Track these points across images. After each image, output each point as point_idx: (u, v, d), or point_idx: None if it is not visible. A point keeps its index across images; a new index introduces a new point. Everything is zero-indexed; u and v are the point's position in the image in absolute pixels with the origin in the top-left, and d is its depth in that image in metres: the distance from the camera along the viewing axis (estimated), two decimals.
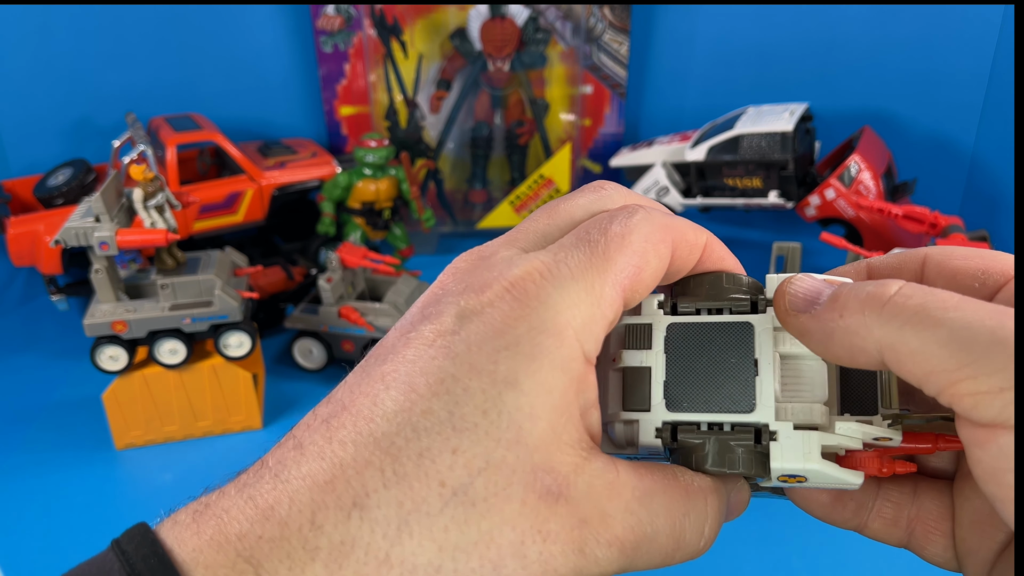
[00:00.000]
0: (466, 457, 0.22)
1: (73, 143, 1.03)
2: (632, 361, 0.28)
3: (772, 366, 0.26)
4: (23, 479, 0.71)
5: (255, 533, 0.22)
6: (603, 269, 0.24)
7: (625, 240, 0.25)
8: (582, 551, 0.23)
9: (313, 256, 0.99)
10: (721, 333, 0.27)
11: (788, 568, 0.60)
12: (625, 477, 0.24)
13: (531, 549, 0.22)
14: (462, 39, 1.04)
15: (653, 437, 0.27)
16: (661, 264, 0.26)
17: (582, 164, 1.15)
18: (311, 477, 0.22)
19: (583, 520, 0.23)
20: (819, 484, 0.26)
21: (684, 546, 0.25)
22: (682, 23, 1.08)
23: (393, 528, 0.21)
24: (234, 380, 0.76)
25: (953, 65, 1.03)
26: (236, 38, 1.05)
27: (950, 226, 0.82)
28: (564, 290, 0.24)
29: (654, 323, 0.28)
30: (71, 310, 0.93)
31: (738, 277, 0.28)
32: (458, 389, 0.22)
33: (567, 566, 0.23)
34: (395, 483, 0.22)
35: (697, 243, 0.27)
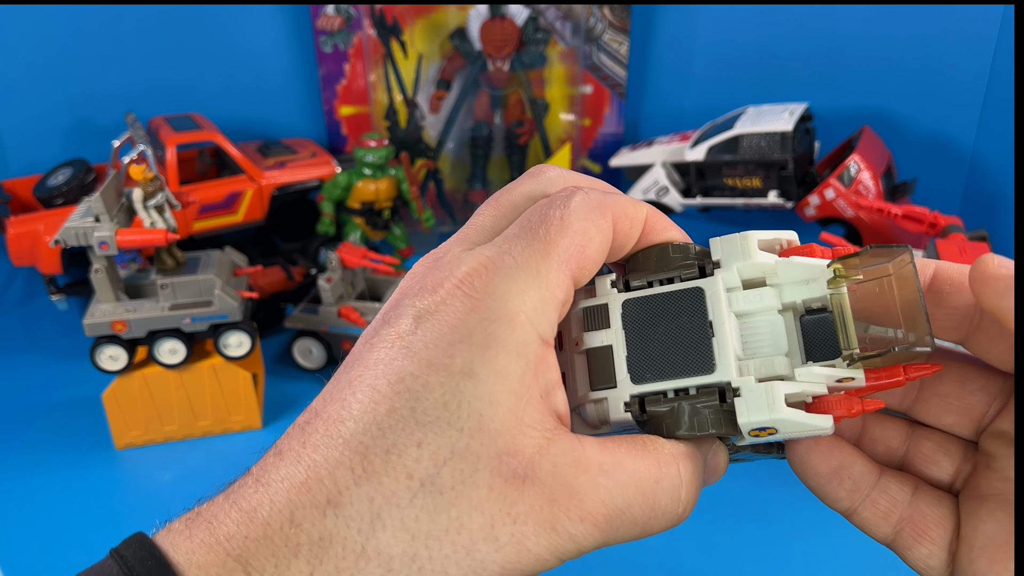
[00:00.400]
0: (431, 449, 0.23)
1: (73, 143, 1.03)
2: (593, 342, 0.28)
3: (726, 325, 0.27)
4: (23, 479, 0.71)
5: (241, 534, 0.23)
6: (546, 253, 0.25)
7: (565, 222, 0.26)
8: (554, 529, 0.24)
9: (313, 256, 0.99)
10: (674, 301, 0.27)
11: (788, 568, 0.60)
12: (592, 453, 0.25)
13: (502, 531, 0.23)
14: (462, 39, 1.04)
15: (623, 412, 0.27)
16: (604, 240, 0.27)
17: (582, 164, 1.15)
18: (288, 479, 0.23)
19: (551, 499, 0.24)
20: (791, 434, 0.26)
21: (661, 514, 0.26)
22: (682, 23, 1.08)
23: (367, 523, 0.23)
24: (234, 380, 0.76)
25: (953, 65, 1.03)
26: (236, 38, 1.05)
27: (950, 226, 0.82)
28: (511, 279, 0.25)
29: (609, 302, 0.28)
30: (71, 310, 0.93)
31: (685, 246, 0.28)
32: (417, 385, 0.23)
33: (541, 545, 0.23)
34: (365, 479, 0.23)
35: (637, 216, 0.28)
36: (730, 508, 0.64)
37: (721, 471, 0.28)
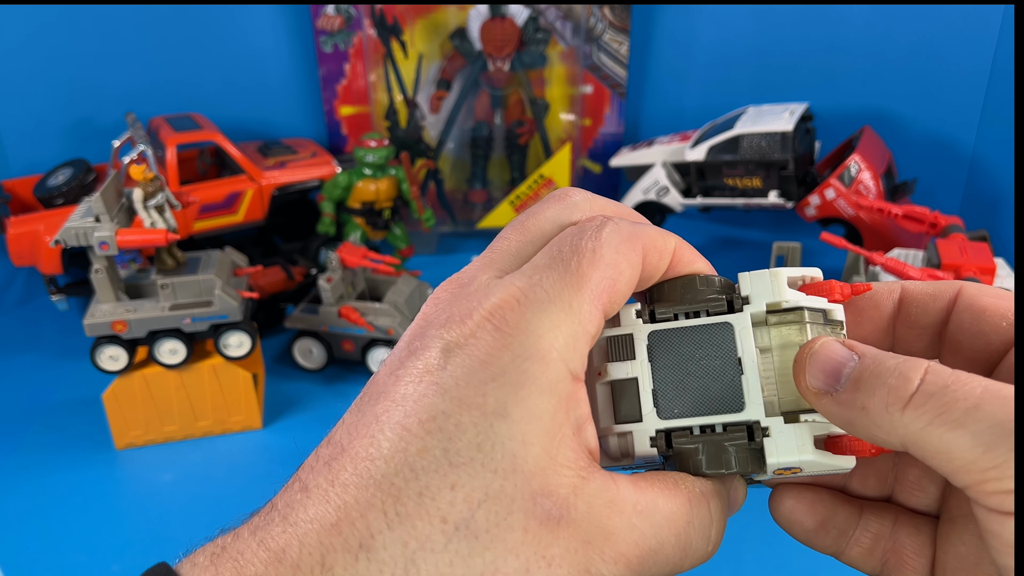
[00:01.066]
0: (465, 491, 0.22)
1: (73, 143, 1.03)
2: (618, 374, 0.28)
3: (756, 363, 0.26)
4: (23, 479, 0.71)
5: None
6: (579, 286, 0.25)
7: (597, 254, 0.25)
8: (588, 571, 0.23)
9: (313, 256, 0.99)
10: (702, 336, 0.27)
11: (788, 568, 0.60)
12: (626, 493, 0.24)
13: (537, 575, 0.23)
14: (462, 39, 1.04)
15: (648, 447, 0.27)
16: (634, 273, 0.26)
17: (582, 164, 1.15)
18: (318, 520, 0.23)
19: (586, 541, 0.23)
20: (813, 472, 0.27)
21: (692, 553, 0.26)
22: (682, 23, 1.08)
23: (400, 568, 0.22)
24: (234, 380, 0.76)
25: (953, 65, 1.03)
26: (236, 38, 1.05)
27: (950, 226, 0.82)
28: (543, 313, 0.24)
29: (635, 333, 0.28)
30: (71, 310, 0.93)
31: (710, 278, 0.28)
32: (450, 425, 0.23)
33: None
34: (398, 523, 0.22)
35: (666, 248, 0.27)
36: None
37: (740, 504, 0.28)
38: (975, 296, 0.27)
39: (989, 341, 0.26)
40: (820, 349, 0.25)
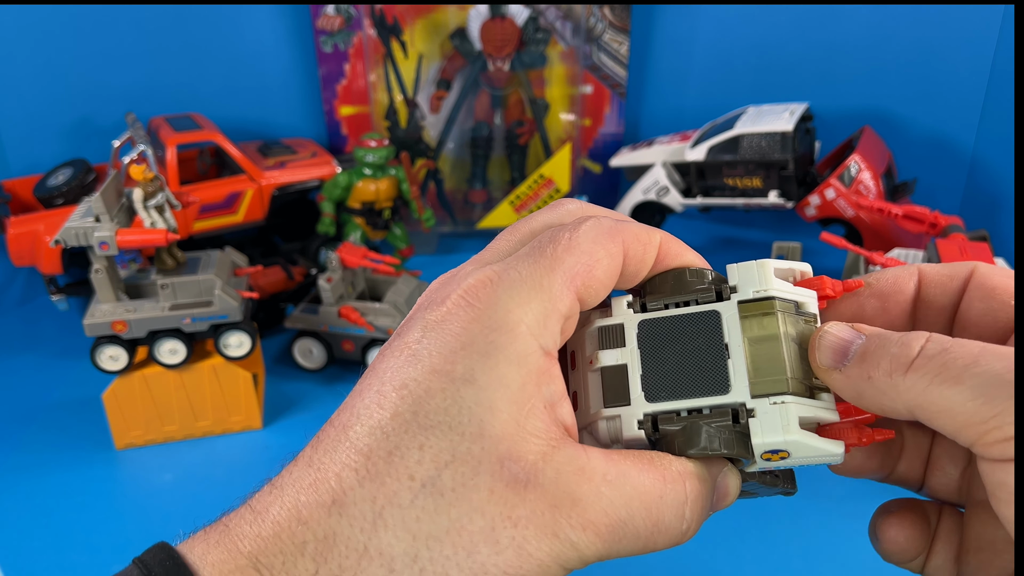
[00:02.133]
0: (432, 452, 0.24)
1: (73, 143, 1.03)
2: (608, 360, 0.29)
3: (743, 348, 0.27)
4: (23, 479, 0.71)
5: (253, 532, 0.24)
6: (551, 268, 0.26)
7: (573, 242, 0.26)
8: (556, 535, 0.24)
9: (313, 256, 0.99)
10: (690, 324, 0.28)
11: (788, 568, 0.60)
12: (596, 463, 0.25)
13: (503, 535, 0.23)
14: (462, 39, 1.04)
15: (636, 429, 0.27)
16: (612, 262, 0.27)
17: (582, 164, 1.15)
18: (298, 481, 0.25)
19: (553, 505, 0.24)
20: (803, 459, 0.27)
21: (664, 530, 0.26)
22: (682, 23, 1.08)
23: (369, 522, 0.23)
24: (234, 380, 0.76)
25: (953, 65, 1.03)
26: (236, 38, 1.05)
27: (950, 226, 0.82)
28: (513, 291, 0.25)
29: (625, 322, 0.29)
30: (71, 310, 0.93)
31: (701, 271, 0.29)
32: (420, 390, 0.24)
33: (542, 550, 0.24)
34: (368, 480, 0.24)
35: (651, 241, 0.28)
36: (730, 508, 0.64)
37: (731, 496, 0.28)
38: (986, 275, 0.27)
39: (997, 319, 0.27)
40: (829, 330, 0.26)
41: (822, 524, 0.64)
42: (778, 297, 0.27)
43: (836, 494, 0.66)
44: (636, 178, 1.04)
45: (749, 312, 0.27)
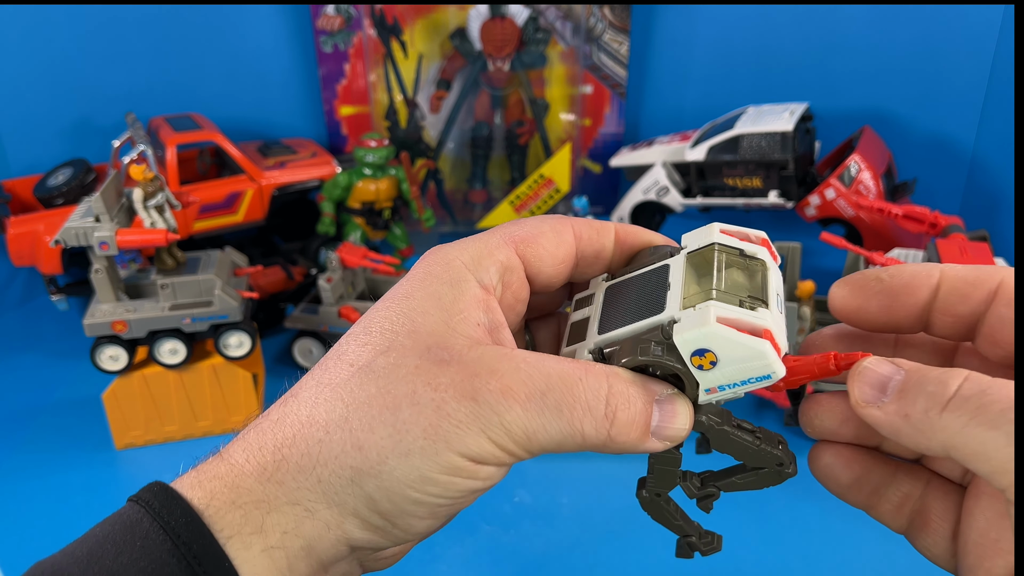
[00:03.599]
0: (371, 345, 0.28)
1: (73, 143, 1.03)
2: (576, 318, 0.33)
3: (681, 279, 0.29)
4: (23, 479, 0.71)
5: (235, 440, 0.29)
6: (493, 232, 0.31)
7: (519, 221, 0.32)
8: (475, 399, 0.27)
9: (313, 256, 0.99)
10: (644, 278, 0.31)
11: (788, 568, 0.60)
12: (521, 352, 0.28)
13: (424, 396, 0.27)
14: (462, 39, 1.04)
15: (586, 356, 0.31)
16: (559, 237, 0.32)
17: (582, 164, 1.15)
18: (277, 401, 0.30)
19: (473, 374, 0.27)
20: (733, 363, 0.27)
21: (586, 408, 0.27)
22: (682, 23, 1.08)
23: (311, 400, 0.28)
24: (234, 380, 0.76)
25: (953, 65, 1.03)
26: (236, 38, 1.05)
27: (950, 226, 0.82)
28: (456, 245, 0.31)
29: (596, 291, 0.33)
30: (71, 310, 0.93)
31: (660, 246, 0.33)
32: (372, 314, 0.30)
33: (461, 411, 0.26)
34: (318, 371, 0.29)
35: (604, 227, 0.32)
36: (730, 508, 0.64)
37: (679, 424, 0.29)
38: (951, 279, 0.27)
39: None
40: (868, 365, 0.27)
41: (822, 524, 0.64)
42: (719, 243, 0.30)
43: None
44: (636, 178, 1.04)
45: (694, 259, 0.30)
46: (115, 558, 0.26)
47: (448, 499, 0.28)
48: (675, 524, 0.32)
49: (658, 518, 0.33)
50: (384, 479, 0.27)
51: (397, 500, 0.27)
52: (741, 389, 0.28)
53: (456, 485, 0.27)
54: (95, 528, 0.27)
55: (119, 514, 0.28)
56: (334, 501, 0.27)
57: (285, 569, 0.27)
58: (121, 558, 0.26)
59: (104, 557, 0.26)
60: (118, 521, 0.27)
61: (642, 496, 0.32)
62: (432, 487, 0.27)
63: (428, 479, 0.27)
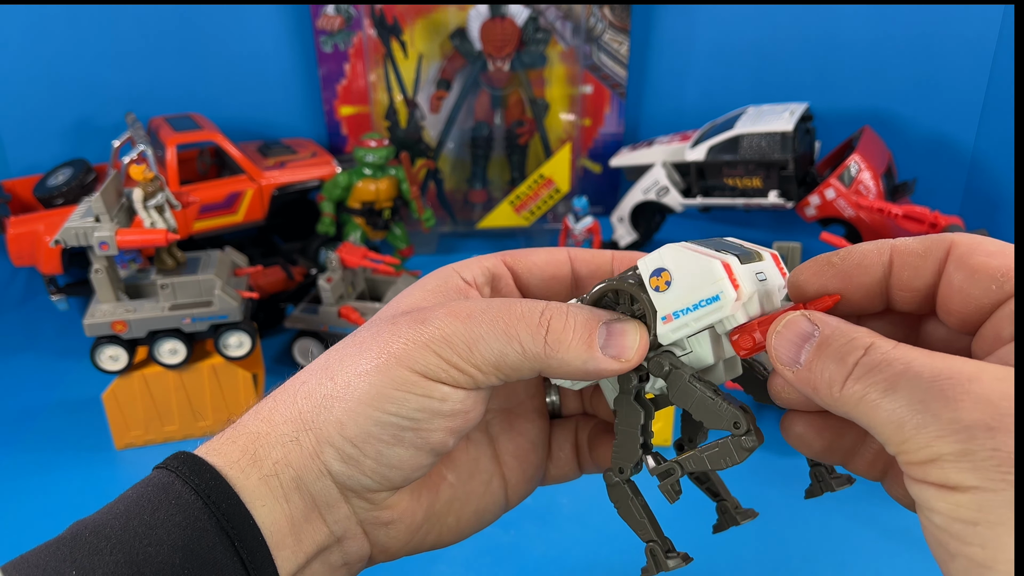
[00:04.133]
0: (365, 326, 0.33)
1: (73, 143, 1.03)
2: None
3: None
4: (23, 479, 0.71)
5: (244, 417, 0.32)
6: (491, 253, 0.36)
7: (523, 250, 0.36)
8: (423, 322, 0.30)
9: (313, 256, 0.99)
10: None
11: (788, 568, 0.60)
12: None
13: (384, 330, 0.31)
14: (462, 39, 1.04)
15: None
16: (551, 256, 0.35)
17: (582, 164, 1.15)
18: None
19: (430, 310, 0.31)
20: (685, 286, 0.29)
21: (521, 317, 0.30)
22: (682, 23, 1.08)
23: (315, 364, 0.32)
24: (234, 380, 0.76)
25: (953, 65, 1.03)
26: (236, 38, 1.05)
27: (950, 226, 0.82)
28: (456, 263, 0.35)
29: None
30: (71, 310, 0.93)
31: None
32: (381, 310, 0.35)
33: (411, 332, 0.30)
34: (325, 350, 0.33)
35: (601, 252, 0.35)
36: None
37: (629, 340, 0.30)
38: (966, 255, 0.26)
39: (981, 304, 0.26)
40: (788, 322, 0.27)
41: (822, 524, 0.64)
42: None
43: (836, 494, 0.66)
44: (636, 178, 1.04)
45: None
46: (152, 513, 0.28)
47: (407, 418, 0.30)
48: (639, 522, 0.32)
49: (623, 512, 0.32)
50: (348, 400, 0.30)
51: (361, 421, 0.30)
52: (695, 317, 0.29)
53: (409, 402, 0.30)
54: (128, 491, 0.30)
55: (149, 479, 0.30)
56: (311, 427, 0.30)
57: (282, 499, 0.30)
58: (158, 514, 0.28)
59: (143, 512, 0.28)
60: (150, 484, 0.30)
61: (608, 478, 0.32)
62: (389, 404, 0.29)
63: (383, 395, 0.29)
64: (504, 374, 0.30)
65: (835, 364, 0.25)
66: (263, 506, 0.29)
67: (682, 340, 0.30)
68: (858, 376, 0.24)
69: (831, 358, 0.25)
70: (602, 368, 0.30)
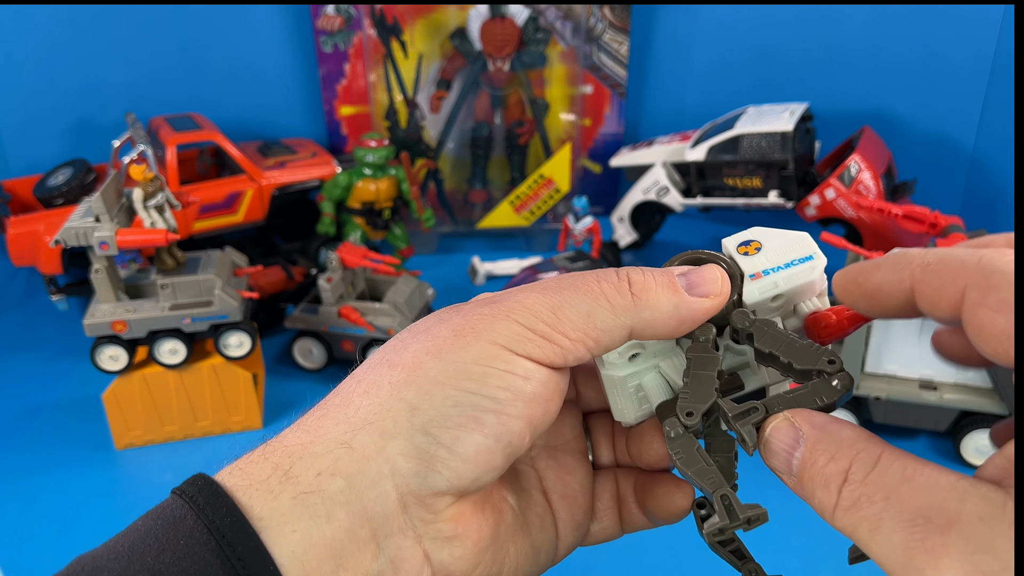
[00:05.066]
0: None
1: (73, 143, 1.03)
2: None
3: None
4: (23, 479, 0.71)
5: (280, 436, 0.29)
6: None
7: None
8: (497, 301, 0.29)
9: (313, 256, 0.99)
10: None
11: (788, 568, 0.60)
12: None
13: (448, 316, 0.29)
14: (462, 39, 1.04)
15: None
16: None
17: (582, 164, 1.15)
18: None
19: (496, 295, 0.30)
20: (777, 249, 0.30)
21: (602, 277, 0.29)
22: (682, 23, 1.08)
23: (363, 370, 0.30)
24: (234, 380, 0.76)
25: (953, 65, 1.03)
26: (236, 38, 1.05)
27: (950, 226, 0.82)
28: None
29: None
30: (71, 310, 0.93)
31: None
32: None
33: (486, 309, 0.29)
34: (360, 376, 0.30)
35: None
36: None
37: (711, 276, 0.30)
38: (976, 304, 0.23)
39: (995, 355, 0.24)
40: (771, 434, 0.27)
41: (822, 524, 0.63)
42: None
43: None
44: (636, 178, 1.04)
45: None
46: (157, 556, 0.25)
47: (488, 397, 0.27)
48: (708, 470, 0.27)
49: (687, 462, 0.27)
50: (421, 383, 0.27)
51: (438, 403, 0.27)
52: (786, 275, 0.29)
53: (492, 378, 0.27)
54: (138, 522, 0.27)
55: (162, 508, 0.27)
56: (372, 423, 0.27)
57: (322, 518, 0.26)
58: (164, 556, 0.25)
59: (146, 554, 0.25)
60: (161, 515, 0.26)
61: (671, 426, 0.28)
62: (468, 381, 0.27)
63: (463, 371, 0.27)
64: (593, 339, 0.28)
65: (821, 491, 0.25)
66: (294, 532, 0.26)
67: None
68: (844, 508, 0.24)
69: (817, 484, 0.25)
70: (694, 308, 0.29)
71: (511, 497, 0.31)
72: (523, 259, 1.05)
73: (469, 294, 1.01)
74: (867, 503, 0.23)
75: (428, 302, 0.87)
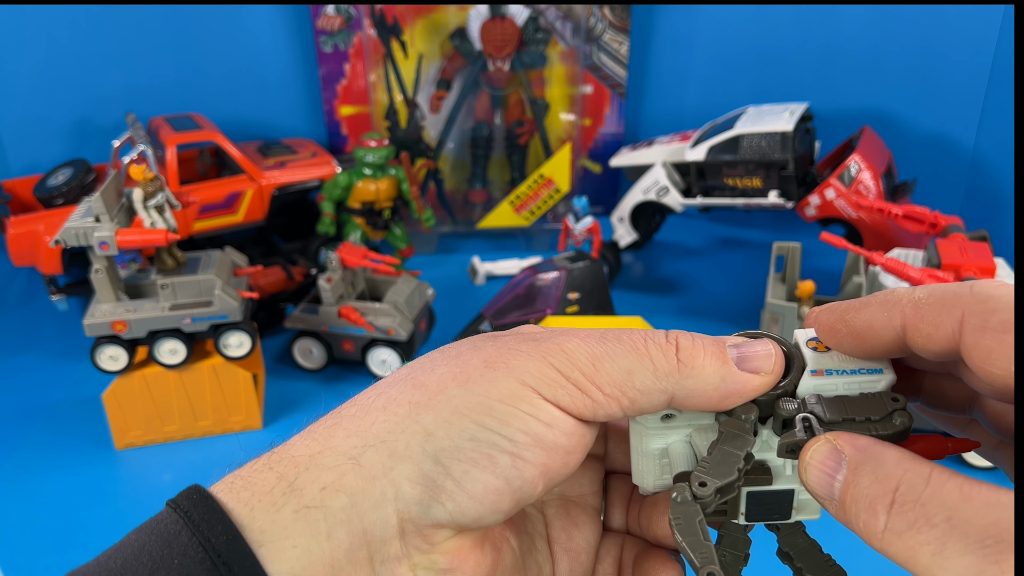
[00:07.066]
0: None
1: (73, 143, 1.03)
2: None
3: None
4: (23, 479, 0.71)
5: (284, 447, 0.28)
6: None
7: None
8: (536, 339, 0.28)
9: (313, 256, 0.99)
10: None
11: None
12: None
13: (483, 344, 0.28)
14: (462, 39, 1.04)
15: None
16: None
17: (582, 164, 1.15)
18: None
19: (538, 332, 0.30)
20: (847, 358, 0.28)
21: (649, 337, 0.28)
22: (682, 23, 1.08)
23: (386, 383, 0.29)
24: (234, 380, 0.76)
25: (953, 65, 1.03)
26: (236, 38, 1.05)
27: (950, 226, 0.82)
28: None
29: None
30: (71, 310, 0.93)
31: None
32: None
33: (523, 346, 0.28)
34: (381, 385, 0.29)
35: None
36: None
37: (762, 350, 0.28)
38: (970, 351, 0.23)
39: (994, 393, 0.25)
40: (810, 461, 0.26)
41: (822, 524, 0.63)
42: None
43: None
44: (636, 178, 1.04)
45: None
46: (151, 574, 0.24)
47: (506, 438, 0.26)
48: (703, 544, 0.26)
49: (684, 530, 0.26)
50: (441, 408, 0.26)
51: (455, 433, 0.26)
52: (848, 381, 0.27)
53: (514, 420, 0.26)
54: (131, 536, 0.26)
55: (156, 521, 0.26)
56: (384, 440, 0.26)
57: (323, 536, 0.25)
58: (157, 575, 0.24)
59: (140, 572, 0.24)
60: (155, 531, 0.26)
61: (679, 491, 0.26)
62: (489, 418, 0.26)
63: (485, 406, 0.26)
64: (629, 398, 0.27)
65: (867, 513, 0.23)
66: (295, 547, 0.25)
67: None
68: (898, 532, 0.22)
69: (861, 506, 0.24)
70: (742, 383, 0.27)
71: (513, 539, 0.31)
72: (523, 259, 1.05)
73: (469, 294, 1.01)
74: (926, 525, 0.22)
75: (428, 302, 0.87)
